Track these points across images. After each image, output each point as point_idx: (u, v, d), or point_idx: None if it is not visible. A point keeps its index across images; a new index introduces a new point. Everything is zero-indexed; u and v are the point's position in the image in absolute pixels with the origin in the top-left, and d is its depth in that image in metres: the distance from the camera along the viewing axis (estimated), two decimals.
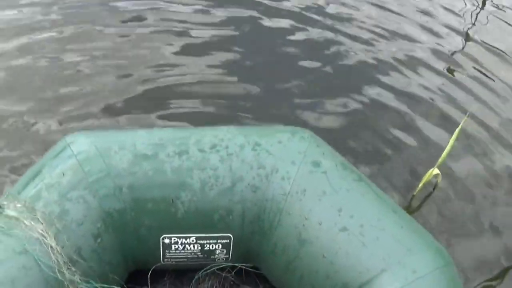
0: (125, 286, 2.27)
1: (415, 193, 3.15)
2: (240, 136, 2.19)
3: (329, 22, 4.73)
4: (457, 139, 2.95)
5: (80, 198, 1.98)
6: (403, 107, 3.83)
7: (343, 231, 1.99)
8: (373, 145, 3.49)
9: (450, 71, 4.28)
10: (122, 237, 2.08)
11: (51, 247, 1.82)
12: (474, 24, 5.07)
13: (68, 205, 1.95)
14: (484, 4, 5.41)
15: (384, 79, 4.10)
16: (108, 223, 2.02)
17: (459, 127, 2.89)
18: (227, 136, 2.18)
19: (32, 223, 1.84)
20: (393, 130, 3.61)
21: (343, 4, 5.04)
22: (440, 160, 3.04)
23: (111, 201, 2.03)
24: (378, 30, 4.71)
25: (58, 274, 1.81)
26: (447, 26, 4.92)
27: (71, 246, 1.91)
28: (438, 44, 4.64)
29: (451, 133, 2.98)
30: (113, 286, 1.96)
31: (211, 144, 2.14)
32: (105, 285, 1.95)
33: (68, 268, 1.84)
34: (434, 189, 3.21)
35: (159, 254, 2.18)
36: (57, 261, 1.82)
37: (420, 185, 3.11)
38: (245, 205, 2.11)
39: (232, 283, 2.35)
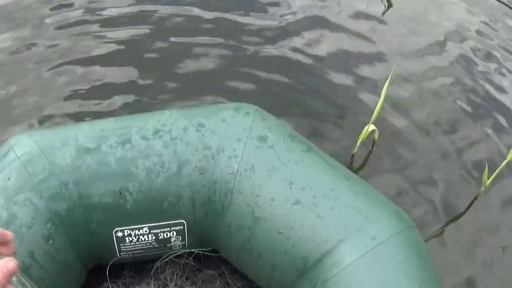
0: None
1: (354, 152, 3.17)
2: (183, 119, 2.14)
3: None
4: (388, 92, 2.96)
5: (27, 200, 1.92)
6: (330, 69, 3.81)
7: (296, 205, 1.98)
8: (306, 110, 3.48)
9: (373, 30, 4.28)
10: (73, 236, 2.02)
11: None
12: None
13: (15, 209, 1.89)
14: None
15: (311, 45, 4.05)
16: (57, 223, 1.97)
17: (388, 80, 2.90)
18: (170, 120, 2.13)
19: None
20: (324, 93, 3.61)
21: None
22: (374, 115, 3.04)
23: (58, 200, 1.96)
24: None
25: None
26: None
27: (23, 250, 1.87)
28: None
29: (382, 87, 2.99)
30: None
31: (153, 130, 2.09)
32: None
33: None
34: (372, 146, 3.24)
35: (114, 248, 2.13)
36: None
37: (358, 143, 3.13)
38: (193, 189, 2.07)
39: (193, 268, 2.33)
